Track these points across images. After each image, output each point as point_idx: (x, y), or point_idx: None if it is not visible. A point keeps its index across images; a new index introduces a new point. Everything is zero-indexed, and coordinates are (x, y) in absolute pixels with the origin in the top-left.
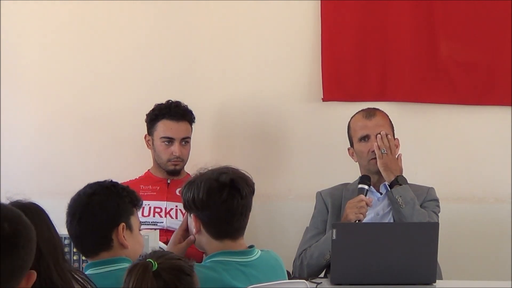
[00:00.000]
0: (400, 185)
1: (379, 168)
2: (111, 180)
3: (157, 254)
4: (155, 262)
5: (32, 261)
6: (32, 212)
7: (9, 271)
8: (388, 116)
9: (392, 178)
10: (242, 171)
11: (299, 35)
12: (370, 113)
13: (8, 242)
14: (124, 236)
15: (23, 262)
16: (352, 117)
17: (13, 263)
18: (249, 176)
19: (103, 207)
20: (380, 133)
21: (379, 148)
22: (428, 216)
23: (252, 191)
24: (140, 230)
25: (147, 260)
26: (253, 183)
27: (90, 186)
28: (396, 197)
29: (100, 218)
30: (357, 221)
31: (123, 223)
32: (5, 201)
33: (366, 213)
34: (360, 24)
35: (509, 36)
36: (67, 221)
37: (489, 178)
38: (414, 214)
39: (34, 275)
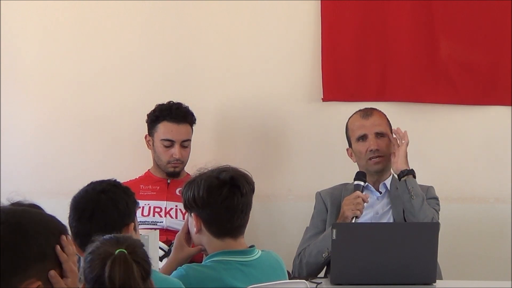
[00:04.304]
0: (414, 177)
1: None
2: (115, 180)
3: (114, 241)
4: (125, 250)
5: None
6: None
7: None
8: (385, 116)
9: (405, 167)
10: (242, 170)
11: (299, 35)
12: (367, 112)
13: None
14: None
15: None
16: (349, 118)
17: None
18: (249, 175)
19: (115, 205)
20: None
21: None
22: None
23: (252, 189)
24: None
25: (119, 250)
26: (253, 182)
27: (97, 184)
28: (409, 188)
29: (111, 216)
30: (354, 218)
31: (133, 223)
32: (5, 202)
33: (365, 212)
34: (360, 24)
35: (509, 36)
36: (73, 218)
37: (489, 178)
38: (423, 208)
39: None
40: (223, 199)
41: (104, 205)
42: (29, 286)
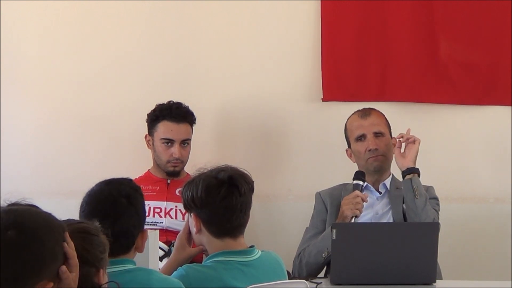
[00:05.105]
0: (418, 175)
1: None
2: (130, 179)
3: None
4: None
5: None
6: None
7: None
8: (384, 115)
9: (412, 165)
10: (241, 169)
11: (299, 35)
12: (365, 112)
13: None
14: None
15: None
16: (348, 118)
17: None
18: (248, 174)
19: (137, 210)
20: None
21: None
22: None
23: (251, 189)
24: None
25: None
26: (252, 181)
27: (118, 185)
28: (414, 187)
29: (133, 221)
30: (353, 217)
31: (146, 231)
32: (3, 202)
33: (365, 213)
34: (360, 24)
35: (509, 36)
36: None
37: (489, 178)
38: (425, 208)
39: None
40: (221, 199)
41: (130, 211)
42: (43, 287)
